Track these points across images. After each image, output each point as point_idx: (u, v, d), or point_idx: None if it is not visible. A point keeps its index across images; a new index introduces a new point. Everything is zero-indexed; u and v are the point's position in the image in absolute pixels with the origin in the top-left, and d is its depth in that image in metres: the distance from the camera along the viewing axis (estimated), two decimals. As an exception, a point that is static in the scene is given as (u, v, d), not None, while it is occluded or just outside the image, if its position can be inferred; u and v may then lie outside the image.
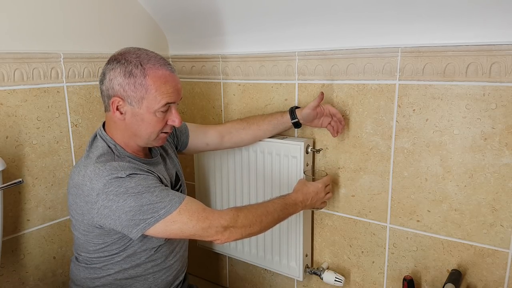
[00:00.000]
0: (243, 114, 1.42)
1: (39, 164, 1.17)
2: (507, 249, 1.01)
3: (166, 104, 0.92)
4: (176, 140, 1.20)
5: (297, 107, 1.20)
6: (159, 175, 0.97)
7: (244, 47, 1.37)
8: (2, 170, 0.98)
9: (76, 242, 1.01)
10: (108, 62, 0.93)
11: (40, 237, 1.20)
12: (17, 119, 1.11)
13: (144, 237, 0.94)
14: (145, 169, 0.94)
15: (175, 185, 1.10)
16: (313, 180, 1.16)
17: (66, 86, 1.21)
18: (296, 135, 1.31)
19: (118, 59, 0.92)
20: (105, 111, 0.97)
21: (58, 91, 1.19)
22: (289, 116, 1.18)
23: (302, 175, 1.20)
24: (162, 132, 0.97)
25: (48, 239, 1.22)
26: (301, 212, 1.23)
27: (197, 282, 1.68)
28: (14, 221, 1.14)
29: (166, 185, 0.97)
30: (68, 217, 1.26)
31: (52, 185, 1.21)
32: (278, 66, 1.29)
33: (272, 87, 1.33)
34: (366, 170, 1.19)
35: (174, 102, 0.94)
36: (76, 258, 1.03)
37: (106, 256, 0.96)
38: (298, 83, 1.27)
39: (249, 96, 1.40)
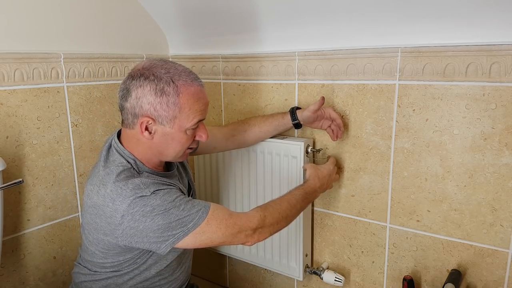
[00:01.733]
0: (243, 114, 1.42)
1: (39, 164, 1.17)
2: (507, 249, 1.02)
3: (197, 122, 0.89)
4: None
5: (298, 108, 1.20)
6: (179, 186, 0.96)
7: (244, 47, 1.37)
8: (2, 170, 0.98)
9: (89, 254, 0.95)
10: (133, 78, 0.85)
11: (40, 237, 1.20)
12: (17, 119, 1.11)
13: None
14: (167, 183, 0.90)
15: (188, 193, 1.09)
16: (316, 162, 1.17)
17: (66, 86, 1.21)
18: (296, 135, 1.31)
19: (145, 75, 0.84)
20: (126, 127, 0.90)
21: (58, 91, 1.19)
22: (289, 117, 1.18)
23: (302, 175, 1.21)
24: (188, 148, 0.94)
25: (48, 239, 1.22)
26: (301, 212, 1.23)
27: (197, 281, 1.68)
28: (14, 221, 1.14)
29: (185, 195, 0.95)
30: (68, 217, 1.26)
31: (52, 185, 1.21)
32: (278, 66, 1.29)
33: (272, 87, 1.33)
34: (366, 170, 1.19)
35: (203, 119, 0.91)
36: (87, 268, 0.98)
37: (118, 271, 0.95)
38: (298, 83, 1.27)
39: (249, 96, 1.40)
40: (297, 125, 1.19)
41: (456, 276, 1.05)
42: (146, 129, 0.87)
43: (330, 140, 1.24)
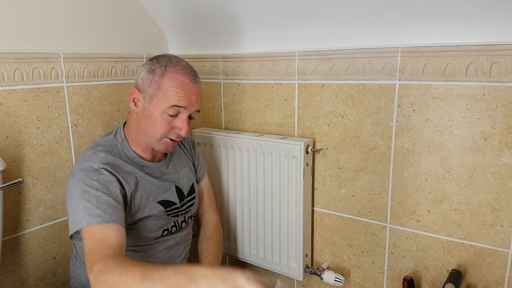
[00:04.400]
0: (243, 114, 1.42)
1: (39, 164, 1.17)
2: (507, 249, 1.01)
3: (173, 107, 0.93)
4: (195, 168, 1.22)
5: None
6: (139, 183, 0.99)
7: (244, 47, 1.37)
8: (2, 170, 0.98)
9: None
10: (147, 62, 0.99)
11: (40, 237, 1.20)
12: (17, 119, 1.11)
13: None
14: (124, 170, 0.97)
15: (189, 194, 1.13)
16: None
17: (66, 86, 1.21)
18: (296, 135, 1.31)
19: (152, 59, 0.98)
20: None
21: (58, 91, 1.19)
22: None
23: (302, 175, 1.21)
24: (167, 137, 0.98)
25: (48, 239, 1.22)
26: (301, 212, 1.23)
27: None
28: (14, 221, 1.13)
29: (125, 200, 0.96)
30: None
31: (52, 185, 1.21)
32: (278, 66, 1.29)
33: (272, 87, 1.33)
34: (366, 170, 1.19)
35: (183, 107, 0.95)
36: (75, 256, 1.04)
37: None
38: (298, 83, 1.27)
39: (249, 96, 1.40)
40: None
41: (456, 276, 1.05)
42: (133, 100, 0.98)
43: (330, 140, 1.24)
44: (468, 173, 1.03)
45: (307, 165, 1.23)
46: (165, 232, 1.05)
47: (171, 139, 0.99)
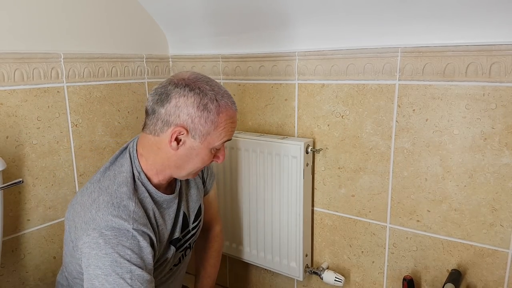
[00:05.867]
0: (243, 114, 1.42)
1: (39, 164, 1.17)
2: (507, 249, 1.02)
3: (225, 141, 0.89)
4: (203, 180, 1.13)
5: None
6: (160, 231, 0.90)
7: (244, 47, 1.37)
8: (2, 170, 0.98)
9: (64, 257, 0.95)
10: (176, 85, 0.84)
11: (40, 237, 1.20)
12: (17, 119, 1.11)
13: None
14: (152, 227, 0.86)
15: (194, 220, 1.04)
16: None
17: (66, 86, 1.21)
18: (296, 135, 1.31)
19: (191, 86, 0.83)
20: (150, 133, 0.87)
21: (58, 91, 1.19)
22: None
23: (302, 175, 1.21)
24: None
25: (48, 239, 1.22)
26: (301, 212, 1.23)
27: (197, 282, 1.68)
28: (14, 221, 1.14)
29: (161, 239, 0.90)
30: (68, 217, 1.26)
31: (52, 185, 1.21)
32: (278, 66, 1.29)
33: (272, 87, 1.33)
34: (366, 170, 1.19)
35: (230, 139, 0.92)
36: (65, 276, 0.97)
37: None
38: (298, 83, 1.27)
39: (249, 96, 1.40)
40: None
41: (456, 276, 1.05)
42: (176, 138, 0.85)
43: (330, 140, 1.24)
44: (468, 173, 1.03)
45: (307, 165, 1.23)
46: (173, 268, 1.01)
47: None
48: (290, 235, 1.28)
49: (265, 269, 1.48)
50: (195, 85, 0.83)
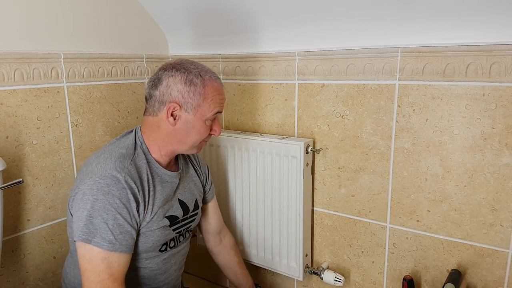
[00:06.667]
0: (243, 114, 1.42)
1: (39, 164, 1.17)
2: (507, 249, 1.02)
3: (217, 113, 0.98)
4: (202, 185, 1.19)
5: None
6: (154, 197, 0.97)
7: (244, 47, 1.37)
8: (2, 170, 0.98)
9: (70, 237, 0.99)
10: (165, 69, 0.96)
11: (40, 237, 1.20)
12: (17, 119, 1.11)
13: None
14: (142, 187, 0.93)
15: (193, 209, 1.10)
16: None
17: (66, 86, 1.21)
18: (296, 135, 1.31)
19: (177, 67, 0.95)
20: (149, 115, 0.98)
21: (58, 91, 1.19)
22: None
23: (302, 175, 1.21)
24: (202, 140, 1.01)
25: (48, 239, 1.22)
26: (301, 212, 1.23)
27: (197, 281, 1.68)
28: (14, 221, 1.14)
29: (152, 209, 0.96)
30: (68, 217, 1.26)
31: (52, 185, 1.21)
32: (278, 66, 1.29)
33: (272, 87, 1.33)
34: (366, 170, 1.19)
35: (221, 112, 1.00)
36: (72, 262, 1.01)
37: None
38: (298, 83, 1.27)
39: (249, 96, 1.40)
40: None
41: (456, 276, 1.05)
42: (172, 114, 0.95)
43: (330, 140, 1.24)
44: (468, 173, 1.03)
45: (307, 165, 1.23)
46: (164, 247, 1.03)
47: (204, 140, 1.02)
48: (290, 235, 1.28)
49: (265, 269, 1.48)
50: (180, 66, 0.96)
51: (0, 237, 1.02)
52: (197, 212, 1.13)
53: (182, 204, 1.06)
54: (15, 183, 1.00)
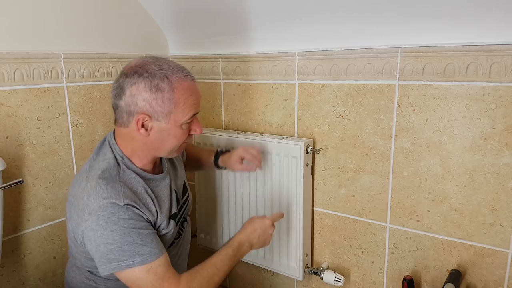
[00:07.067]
0: (243, 114, 1.42)
1: (39, 164, 1.17)
2: (507, 249, 1.02)
3: (192, 116, 0.90)
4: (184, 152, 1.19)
5: (223, 153, 1.23)
6: (159, 204, 0.94)
7: (244, 47, 1.37)
8: (2, 170, 0.98)
9: (70, 246, 0.97)
10: (126, 75, 0.86)
11: (40, 237, 1.20)
12: (17, 119, 1.11)
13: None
14: (145, 206, 0.90)
15: (183, 195, 1.08)
16: None
17: (66, 86, 1.21)
18: (296, 135, 1.31)
19: (139, 72, 0.85)
20: (120, 126, 0.90)
21: (58, 91, 1.19)
22: (212, 161, 1.23)
23: (302, 175, 1.21)
24: (183, 142, 0.95)
25: (48, 239, 1.22)
26: (301, 212, 1.23)
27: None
28: (14, 221, 1.14)
29: (159, 211, 0.94)
30: (68, 217, 1.26)
31: (52, 185, 1.21)
32: (278, 66, 1.29)
33: (272, 87, 1.33)
34: (366, 170, 1.19)
35: (198, 112, 0.92)
36: (75, 264, 0.99)
37: (92, 273, 0.94)
38: (298, 83, 1.27)
39: (249, 96, 1.40)
40: (218, 167, 1.24)
41: (456, 276, 1.05)
42: (143, 126, 0.87)
43: (330, 140, 1.24)
44: (468, 173, 1.03)
45: (307, 165, 1.23)
46: (174, 242, 1.03)
47: (185, 142, 0.96)
48: (290, 235, 1.28)
49: (265, 269, 1.48)
50: (143, 69, 0.85)
51: (0, 237, 1.02)
52: (188, 194, 1.11)
53: (176, 195, 1.04)
54: (15, 183, 1.00)
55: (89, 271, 0.95)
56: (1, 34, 1.06)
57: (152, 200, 0.92)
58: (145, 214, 0.88)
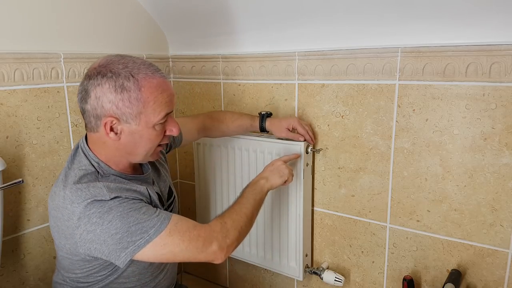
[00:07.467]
0: (243, 114, 1.42)
1: (39, 164, 1.17)
2: (507, 249, 1.02)
3: (166, 115, 0.84)
4: (167, 148, 1.14)
5: (268, 115, 1.23)
6: (150, 193, 0.90)
7: (244, 47, 1.37)
8: (2, 170, 0.98)
9: (60, 261, 0.90)
10: (90, 77, 0.80)
11: (40, 237, 1.20)
12: (17, 119, 1.11)
13: (132, 261, 0.84)
14: (132, 189, 0.85)
15: (168, 198, 1.02)
16: None
17: (66, 86, 1.21)
18: (296, 135, 1.31)
19: (102, 72, 0.79)
20: (90, 131, 0.86)
21: (58, 91, 1.19)
22: (258, 124, 1.23)
23: (302, 175, 1.21)
24: (158, 145, 0.89)
25: (48, 239, 1.22)
26: (301, 212, 1.23)
27: (196, 281, 1.68)
28: (15, 221, 1.14)
29: (156, 205, 0.90)
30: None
31: (52, 185, 1.20)
32: (278, 66, 1.29)
33: (272, 87, 1.33)
34: (366, 170, 1.19)
35: (171, 111, 0.86)
36: (62, 279, 0.92)
37: (93, 281, 0.88)
38: (298, 83, 1.27)
39: (249, 96, 1.40)
40: (265, 131, 1.24)
41: (456, 276, 1.05)
42: (111, 129, 0.82)
43: (330, 140, 1.24)
44: (468, 173, 1.03)
45: (307, 165, 1.23)
46: None
47: (160, 145, 0.90)
48: (290, 235, 1.28)
49: (265, 269, 1.48)
50: (106, 69, 0.80)
51: (0, 237, 1.02)
52: (173, 197, 1.06)
53: (159, 197, 0.97)
54: (15, 183, 1.00)
55: (78, 282, 0.90)
56: (1, 34, 1.06)
57: (140, 193, 0.87)
58: (136, 197, 0.84)
